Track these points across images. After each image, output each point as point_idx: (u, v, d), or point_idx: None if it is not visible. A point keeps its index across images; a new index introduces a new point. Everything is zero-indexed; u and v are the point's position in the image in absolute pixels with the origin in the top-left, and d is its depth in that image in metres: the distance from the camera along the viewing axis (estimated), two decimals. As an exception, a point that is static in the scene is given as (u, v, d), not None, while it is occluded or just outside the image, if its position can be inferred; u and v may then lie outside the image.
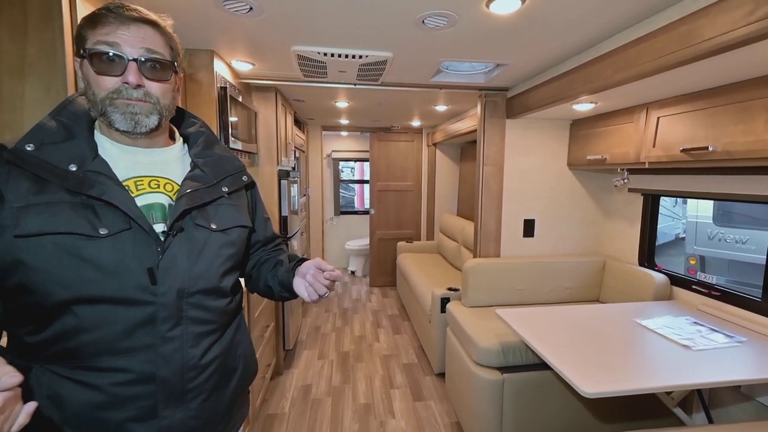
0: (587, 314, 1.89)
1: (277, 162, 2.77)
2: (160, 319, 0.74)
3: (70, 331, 0.71)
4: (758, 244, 4.10)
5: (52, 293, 0.69)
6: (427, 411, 2.47)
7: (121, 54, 0.73)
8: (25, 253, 0.68)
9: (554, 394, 1.96)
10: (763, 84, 1.43)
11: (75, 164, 0.72)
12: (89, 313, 0.71)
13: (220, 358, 0.85)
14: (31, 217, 0.68)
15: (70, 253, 0.69)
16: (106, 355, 0.72)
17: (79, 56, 0.76)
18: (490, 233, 2.71)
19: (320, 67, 2.18)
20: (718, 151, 1.57)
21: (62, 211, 0.70)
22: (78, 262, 0.69)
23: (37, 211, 0.68)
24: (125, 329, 0.72)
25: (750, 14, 1.08)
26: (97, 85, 0.74)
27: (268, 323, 2.53)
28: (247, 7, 1.46)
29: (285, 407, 2.51)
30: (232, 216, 0.90)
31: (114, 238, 0.71)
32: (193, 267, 0.79)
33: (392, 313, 4.20)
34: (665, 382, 1.30)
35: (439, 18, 1.53)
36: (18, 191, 0.69)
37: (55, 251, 0.68)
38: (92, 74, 0.74)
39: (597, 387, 1.25)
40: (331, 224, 5.99)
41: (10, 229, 0.67)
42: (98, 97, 0.74)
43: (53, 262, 0.68)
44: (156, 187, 0.81)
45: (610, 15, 1.48)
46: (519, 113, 2.51)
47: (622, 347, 1.54)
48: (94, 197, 0.71)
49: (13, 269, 0.68)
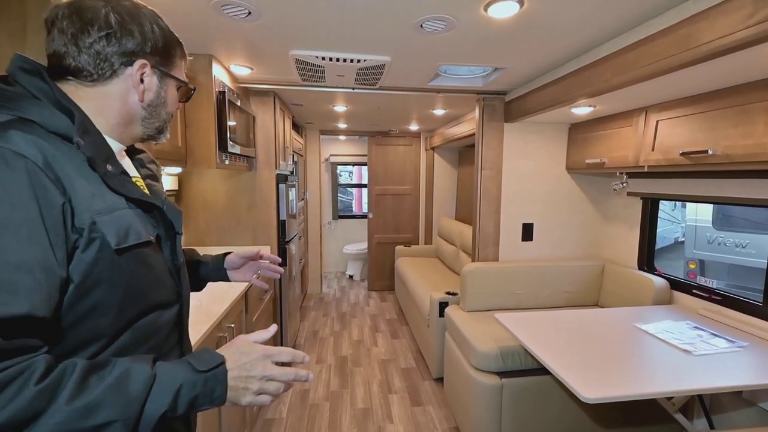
0: (586, 318, 1.88)
1: (276, 166, 2.76)
2: (184, 315, 0.80)
3: (130, 346, 0.65)
4: (758, 248, 4.10)
5: (127, 309, 0.64)
6: (425, 416, 2.45)
7: (191, 86, 0.82)
8: (113, 269, 0.60)
9: (553, 400, 1.94)
10: (762, 87, 1.43)
11: (110, 165, 0.66)
12: (143, 324, 0.67)
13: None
14: (118, 225, 0.62)
15: (142, 261, 0.66)
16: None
17: (159, 69, 0.72)
18: (489, 237, 2.70)
19: (318, 72, 2.17)
20: (718, 155, 1.56)
21: (132, 216, 0.66)
22: (147, 271, 0.67)
23: (120, 218, 0.63)
24: (168, 331, 0.74)
25: (749, 17, 1.08)
26: (172, 106, 0.78)
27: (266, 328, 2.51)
28: (246, 11, 1.46)
29: (282, 412, 2.48)
30: None
31: (155, 243, 0.72)
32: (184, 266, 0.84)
33: (390, 318, 4.18)
34: (666, 388, 1.29)
35: (437, 22, 1.53)
36: (87, 196, 0.59)
37: (134, 262, 0.64)
38: (173, 96, 0.77)
39: (597, 392, 1.24)
40: (329, 228, 5.98)
41: (99, 242, 0.59)
42: (168, 116, 0.78)
43: (133, 273, 0.64)
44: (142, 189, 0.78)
45: (609, 18, 1.48)
46: (517, 117, 2.51)
47: (622, 352, 1.53)
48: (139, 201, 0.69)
49: (91, 289, 0.59)
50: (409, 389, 2.76)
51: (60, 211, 0.55)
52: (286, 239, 2.85)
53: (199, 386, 0.59)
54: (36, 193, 0.53)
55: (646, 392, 1.26)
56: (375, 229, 4.96)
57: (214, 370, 0.61)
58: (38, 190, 0.54)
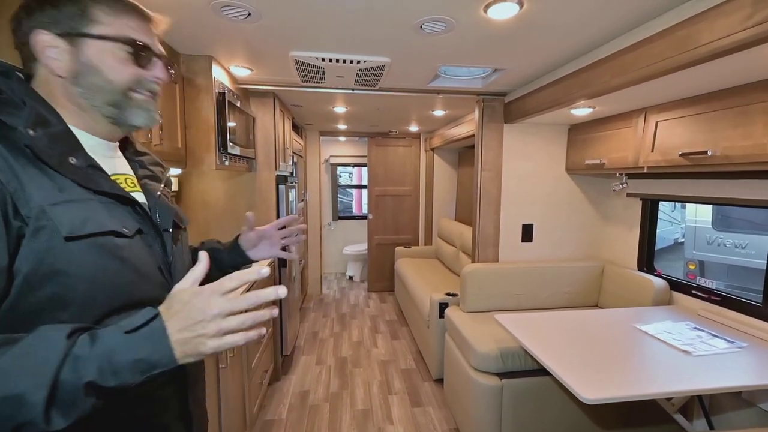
0: (586, 319, 1.88)
1: (275, 167, 2.76)
2: None
3: None
4: (758, 249, 4.10)
5: (94, 304, 0.62)
6: (425, 417, 2.45)
7: (152, 49, 0.71)
8: (67, 259, 0.59)
9: (553, 400, 1.94)
10: (761, 88, 1.43)
11: (74, 157, 0.64)
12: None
13: None
14: (73, 215, 0.60)
15: (112, 254, 0.63)
16: None
17: (79, 35, 0.65)
18: (489, 238, 2.71)
19: (318, 73, 2.18)
20: (717, 156, 1.56)
21: (97, 208, 0.63)
22: (119, 265, 0.64)
23: (77, 208, 0.61)
24: None
25: (748, 18, 1.08)
26: (116, 73, 0.67)
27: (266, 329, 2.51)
28: (246, 12, 1.46)
29: (282, 413, 2.48)
30: (183, 214, 0.93)
31: (135, 237, 0.69)
32: (184, 262, 0.84)
33: (390, 319, 4.18)
34: (665, 388, 1.29)
35: (437, 23, 1.53)
36: (39, 186, 0.59)
37: (99, 254, 0.62)
38: (109, 60, 0.66)
39: (597, 393, 1.24)
40: (329, 229, 5.98)
41: (48, 231, 0.58)
42: (117, 86, 0.67)
43: (98, 266, 0.62)
44: (133, 186, 0.77)
45: (608, 20, 1.48)
46: (517, 118, 2.51)
47: (622, 353, 1.53)
48: (107, 194, 0.66)
49: (44, 281, 0.58)
50: (409, 390, 2.76)
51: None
52: (285, 240, 2.84)
53: (133, 349, 0.52)
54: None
55: (646, 393, 1.27)
56: (375, 230, 4.96)
57: (142, 329, 0.54)
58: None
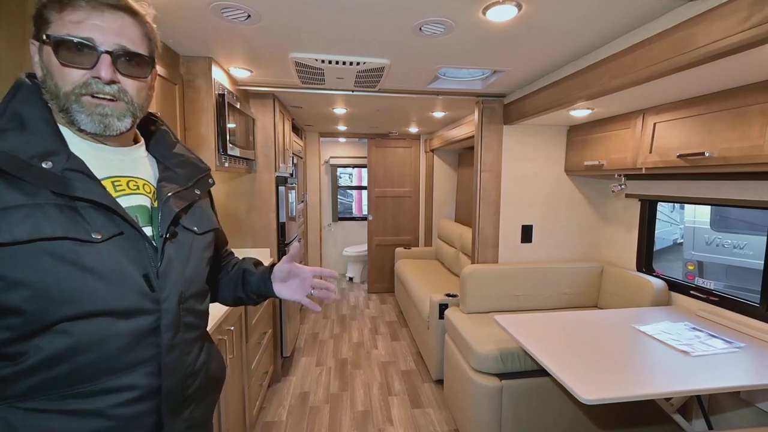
0: (585, 320, 1.89)
1: (275, 168, 2.77)
2: (163, 327, 0.71)
3: (63, 355, 0.62)
4: (756, 250, 4.11)
5: (46, 312, 0.61)
6: (425, 418, 2.45)
7: (92, 44, 0.65)
8: (11, 265, 0.59)
9: (553, 401, 1.95)
10: (758, 90, 1.44)
11: (50, 161, 0.63)
12: (87, 330, 0.63)
13: (207, 363, 0.84)
14: (17, 221, 0.59)
15: (68, 261, 0.61)
16: (107, 375, 0.65)
17: (38, 40, 0.66)
18: (488, 239, 2.71)
19: (318, 74, 2.18)
20: (715, 157, 1.57)
21: (52, 214, 0.61)
22: (76, 272, 0.62)
23: (24, 214, 0.59)
24: (128, 343, 0.67)
25: (744, 21, 1.09)
26: (61, 77, 0.65)
27: (266, 330, 2.52)
28: (245, 14, 1.47)
29: (282, 415, 2.48)
30: (207, 219, 0.88)
31: (108, 243, 0.65)
32: (186, 271, 0.77)
33: (390, 320, 4.18)
34: (664, 389, 1.30)
35: (436, 25, 1.54)
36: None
37: (50, 260, 0.60)
38: (56, 64, 0.65)
39: (596, 393, 1.24)
40: (329, 230, 5.98)
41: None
42: (62, 90, 0.66)
43: (48, 273, 0.60)
44: (135, 188, 0.75)
45: (606, 22, 1.49)
46: (516, 119, 2.52)
47: (621, 353, 1.53)
48: (81, 199, 0.64)
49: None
50: (409, 391, 2.76)
51: None
52: (286, 242, 2.85)
53: None
54: None
55: (645, 393, 1.27)
56: (375, 231, 4.96)
57: None
58: None
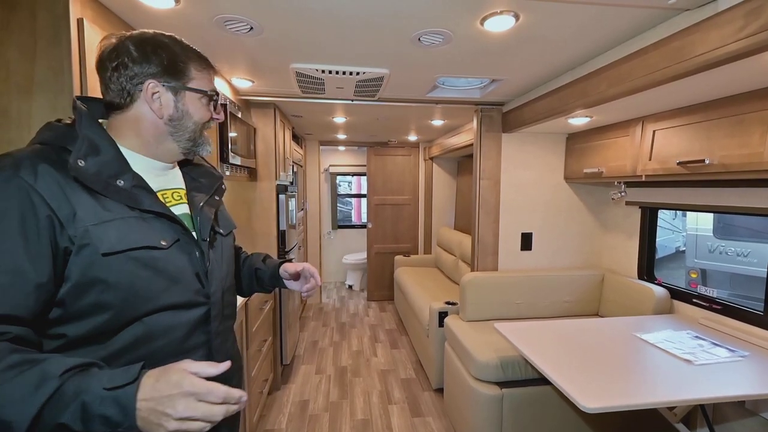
0: (586, 328, 1.88)
1: (276, 177, 2.78)
2: (212, 317, 0.85)
3: (140, 341, 0.74)
4: (759, 257, 4.09)
5: (131, 308, 0.72)
6: (425, 427, 2.43)
7: (219, 95, 0.88)
8: (107, 270, 0.69)
9: (554, 410, 1.93)
10: (756, 97, 1.45)
11: (121, 180, 0.75)
12: (159, 321, 0.76)
13: (235, 350, 0.98)
14: (112, 233, 0.70)
15: (148, 266, 0.74)
16: (173, 357, 0.70)
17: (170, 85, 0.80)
18: (488, 247, 2.71)
19: (318, 84, 2.20)
20: (714, 164, 1.57)
21: (135, 225, 0.74)
22: (153, 274, 0.74)
23: (115, 227, 0.71)
24: (188, 330, 0.80)
25: (741, 30, 1.10)
26: (199, 116, 0.84)
27: (266, 338, 2.51)
28: (248, 27, 1.49)
29: (282, 423, 2.46)
30: (228, 221, 1.03)
31: (172, 248, 0.78)
32: (222, 268, 0.91)
33: (390, 328, 4.16)
34: (667, 397, 1.29)
35: (435, 36, 1.55)
36: (86, 208, 0.69)
37: (136, 266, 0.72)
38: (195, 106, 0.83)
39: (597, 402, 1.23)
40: (329, 238, 5.98)
41: (90, 248, 0.68)
42: (196, 126, 0.85)
43: (135, 276, 0.72)
44: (179, 198, 0.88)
45: (602, 32, 1.50)
46: (515, 127, 2.53)
47: (623, 361, 1.52)
48: (149, 211, 0.76)
49: (88, 289, 0.68)
50: (409, 400, 2.74)
51: (47, 224, 0.65)
52: (286, 249, 2.85)
53: (104, 406, 0.56)
54: (21, 207, 0.64)
55: (647, 402, 1.26)
56: (374, 239, 4.96)
57: (116, 391, 0.57)
58: (23, 205, 0.64)
